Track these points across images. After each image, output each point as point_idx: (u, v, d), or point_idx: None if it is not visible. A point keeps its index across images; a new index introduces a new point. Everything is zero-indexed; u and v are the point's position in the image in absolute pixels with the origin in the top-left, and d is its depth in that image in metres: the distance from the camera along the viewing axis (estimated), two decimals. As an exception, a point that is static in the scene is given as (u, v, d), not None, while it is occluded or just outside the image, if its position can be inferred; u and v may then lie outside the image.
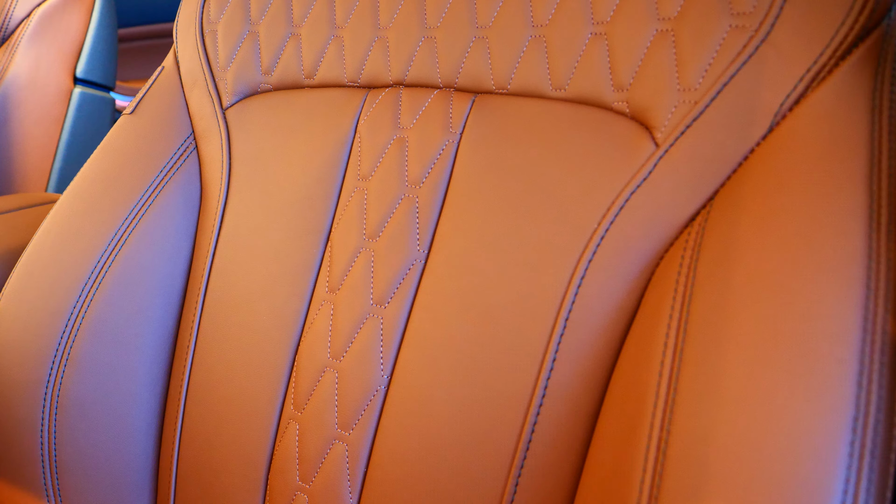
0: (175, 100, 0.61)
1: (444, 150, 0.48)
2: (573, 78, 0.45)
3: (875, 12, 0.37)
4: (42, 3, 0.98)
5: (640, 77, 0.42)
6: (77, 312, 0.54)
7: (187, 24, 0.63)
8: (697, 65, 0.40)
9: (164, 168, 0.58)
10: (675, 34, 0.41)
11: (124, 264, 0.56)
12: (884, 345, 0.31)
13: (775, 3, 0.38)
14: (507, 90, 0.48)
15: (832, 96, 0.36)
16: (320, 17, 0.56)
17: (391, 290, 0.48)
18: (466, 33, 0.50)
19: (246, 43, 0.59)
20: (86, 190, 0.59)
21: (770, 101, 0.38)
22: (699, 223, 0.38)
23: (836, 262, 0.32)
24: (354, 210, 0.51)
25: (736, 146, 0.38)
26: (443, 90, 0.50)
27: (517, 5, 0.48)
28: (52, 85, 0.99)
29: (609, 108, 0.43)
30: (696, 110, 0.39)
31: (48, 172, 0.99)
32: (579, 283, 0.41)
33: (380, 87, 0.53)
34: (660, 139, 0.41)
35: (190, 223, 0.58)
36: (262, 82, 0.59)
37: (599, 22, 0.44)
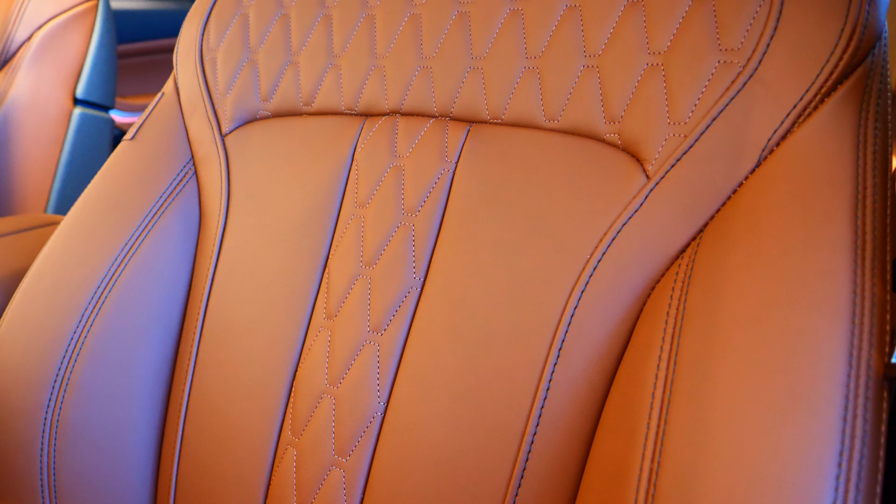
0: (175, 126, 0.62)
1: (439, 179, 0.49)
2: (566, 109, 0.46)
3: (859, 50, 0.38)
4: (43, 25, 0.99)
5: (631, 109, 0.43)
6: (77, 337, 0.55)
7: (187, 51, 0.64)
8: (687, 99, 0.41)
9: (164, 193, 0.59)
10: (664, 68, 0.42)
11: (124, 289, 0.56)
12: (868, 379, 0.31)
13: (763, 40, 0.39)
14: (501, 120, 0.48)
15: (818, 132, 0.37)
16: (318, 45, 0.57)
17: (388, 317, 0.48)
18: (462, 63, 0.50)
19: (245, 70, 0.60)
20: (87, 215, 0.60)
21: (758, 135, 0.39)
22: (689, 255, 0.39)
23: (822, 297, 0.33)
24: (352, 237, 0.51)
25: (725, 179, 0.39)
26: (439, 119, 0.51)
27: (511, 36, 0.49)
28: (53, 106, 1.00)
29: (601, 140, 0.44)
30: (685, 144, 0.40)
31: (47, 193, 1.00)
32: (573, 312, 0.42)
33: (377, 115, 0.54)
34: (651, 171, 0.41)
35: (189, 248, 0.59)
36: (260, 109, 0.59)
37: (591, 55, 0.45)
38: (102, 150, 1.08)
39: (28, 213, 0.99)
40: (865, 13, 0.38)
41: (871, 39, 0.38)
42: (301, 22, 0.59)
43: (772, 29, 0.39)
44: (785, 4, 0.39)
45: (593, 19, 0.46)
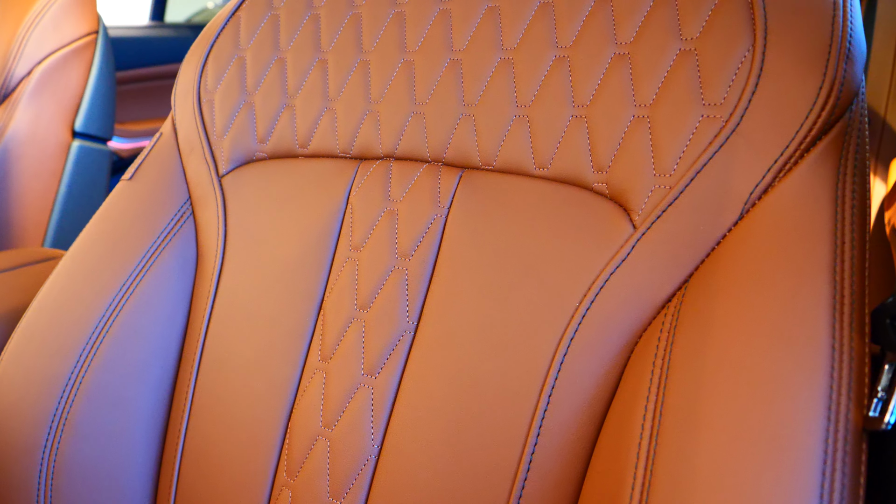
0: (172, 166, 0.63)
1: (432, 224, 0.50)
2: (555, 157, 0.47)
3: (836, 107, 0.39)
4: (43, 60, 1.01)
5: (619, 160, 0.44)
6: (75, 377, 0.56)
7: (185, 93, 0.65)
8: (672, 151, 0.42)
9: (161, 233, 0.60)
10: (650, 121, 0.44)
11: (122, 329, 0.57)
12: (847, 433, 0.32)
13: (744, 96, 0.41)
14: (492, 167, 0.50)
15: (798, 187, 0.38)
16: (314, 89, 0.59)
17: (381, 361, 0.49)
18: (454, 110, 0.52)
19: (242, 112, 0.61)
20: (85, 254, 0.61)
21: (740, 189, 0.40)
22: (675, 304, 0.40)
23: (802, 352, 0.34)
24: (346, 280, 0.52)
25: (709, 231, 0.40)
26: (431, 164, 0.52)
27: (502, 85, 0.50)
28: (52, 139, 1.01)
29: (590, 189, 0.45)
30: (671, 195, 0.41)
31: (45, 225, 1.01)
32: (562, 359, 0.42)
33: (371, 158, 0.55)
34: (637, 221, 0.43)
35: (186, 288, 0.60)
36: (257, 151, 0.61)
37: (580, 105, 0.47)
38: (101, 183, 1.09)
39: (26, 246, 1.00)
40: (843, 71, 0.39)
41: (848, 96, 0.40)
42: (297, 66, 0.60)
43: (753, 85, 0.41)
44: (765, 61, 0.41)
45: (581, 71, 0.47)
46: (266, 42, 0.62)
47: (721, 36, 0.43)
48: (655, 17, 0.45)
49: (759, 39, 0.41)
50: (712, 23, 0.43)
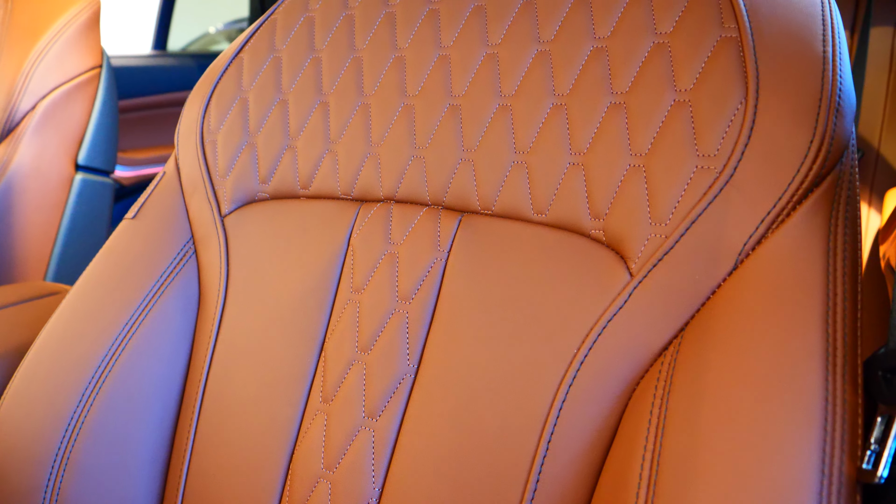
0: (175, 205, 0.64)
1: (432, 268, 0.51)
2: (553, 204, 0.48)
3: (828, 160, 0.40)
4: (47, 95, 1.02)
5: (615, 207, 0.45)
6: (77, 417, 0.56)
7: (188, 132, 0.66)
8: (667, 200, 0.43)
9: (164, 273, 0.61)
10: (646, 170, 0.44)
11: (124, 368, 0.58)
12: (841, 486, 0.33)
13: (737, 148, 0.42)
14: (491, 211, 0.51)
15: (790, 239, 0.39)
16: (316, 130, 0.60)
17: (382, 404, 0.50)
18: (453, 155, 0.53)
19: (244, 153, 0.62)
20: (88, 294, 0.61)
21: (734, 240, 0.41)
22: (671, 353, 0.41)
23: (796, 404, 0.35)
24: (348, 322, 0.53)
25: (704, 281, 0.41)
26: (431, 208, 0.53)
27: (500, 131, 0.51)
28: (55, 173, 1.02)
29: (587, 235, 0.46)
30: (667, 244, 0.42)
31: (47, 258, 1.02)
32: (561, 405, 0.43)
33: (372, 201, 0.56)
34: (634, 269, 0.43)
35: (188, 327, 0.60)
36: (259, 191, 0.61)
37: (577, 152, 0.48)
38: (103, 215, 1.10)
39: (28, 279, 1.01)
40: (833, 125, 0.40)
41: (839, 149, 0.41)
42: (299, 107, 0.61)
43: (746, 137, 0.42)
44: (758, 114, 0.42)
45: (578, 119, 0.48)
46: (268, 84, 0.63)
47: (714, 88, 0.44)
48: (650, 68, 0.46)
49: (751, 92, 0.42)
50: (706, 74, 0.44)
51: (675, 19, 0.47)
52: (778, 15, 0.44)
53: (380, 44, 0.59)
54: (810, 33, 0.43)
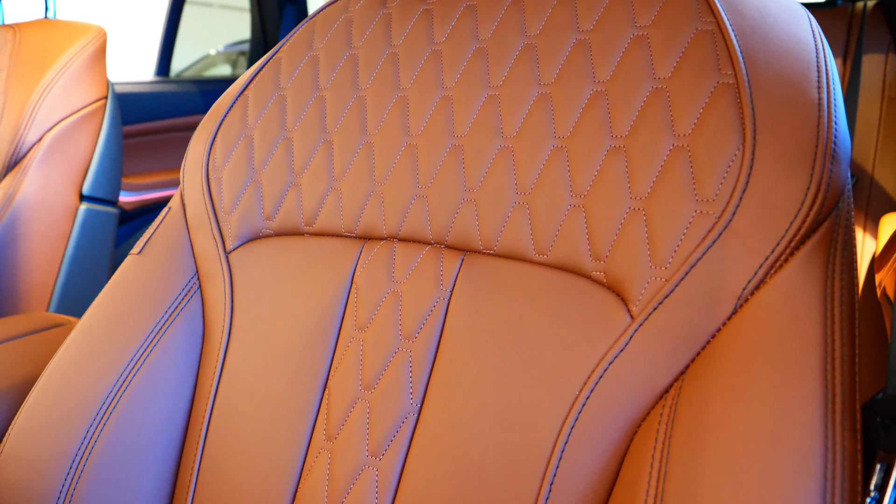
0: (180, 241, 0.65)
1: (435, 307, 0.52)
2: (555, 245, 0.49)
3: (824, 206, 0.41)
4: (53, 127, 1.03)
5: (616, 250, 0.46)
6: (82, 454, 0.56)
7: (194, 168, 0.67)
8: (667, 244, 0.44)
9: (168, 308, 0.61)
10: (646, 213, 0.45)
11: (128, 405, 0.58)
12: None
13: (735, 193, 0.43)
14: (493, 251, 0.51)
15: (788, 285, 0.40)
16: (320, 168, 0.61)
17: (386, 442, 0.50)
18: (456, 195, 0.54)
19: (249, 190, 0.63)
20: (93, 330, 0.62)
21: (733, 285, 0.41)
22: (672, 396, 0.41)
23: (796, 452, 0.35)
24: (351, 360, 0.54)
25: (704, 325, 0.42)
26: (434, 247, 0.54)
27: (502, 172, 0.52)
28: (60, 204, 1.03)
29: (588, 277, 0.47)
30: (667, 288, 0.43)
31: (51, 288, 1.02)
32: (563, 448, 0.43)
33: (375, 239, 0.57)
34: (635, 312, 0.44)
35: (192, 363, 0.61)
36: (263, 228, 0.62)
37: (578, 194, 0.48)
38: (106, 245, 1.11)
39: (32, 309, 1.01)
40: (829, 172, 0.41)
41: (835, 195, 0.42)
42: (303, 145, 0.62)
43: (743, 183, 0.43)
44: (755, 160, 0.43)
45: (579, 161, 0.49)
46: (273, 121, 0.64)
47: (712, 133, 0.45)
48: (649, 112, 0.47)
49: (748, 138, 0.43)
50: (703, 120, 0.45)
51: (672, 64, 0.48)
52: (773, 62, 0.45)
53: (383, 83, 0.60)
54: (805, 80, 0.44)
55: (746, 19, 0.48)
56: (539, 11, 0.55)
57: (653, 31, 0.50)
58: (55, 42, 1.04)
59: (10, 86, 1.01)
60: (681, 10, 0.49)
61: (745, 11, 0.48)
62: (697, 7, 0.49)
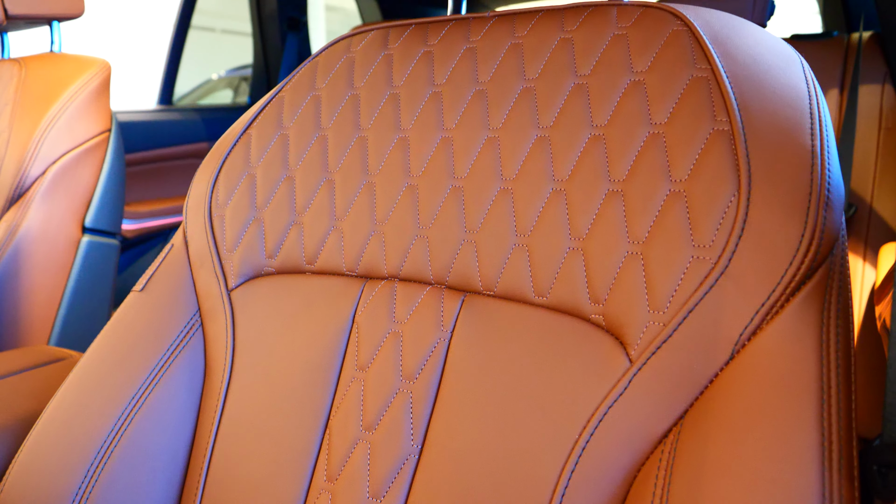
0: (183, 278, 0.65)
1: (436, 348, 0.52)
2: (554, 287, 0.49)
3: (819, 253, 0.42)
4: (57, 160, 1.04)
5: (614, 293, 0.46)
6: (83, 492, 0.56)
7: (197, 206, 0.68)
8: (665, 289, 0.44)
9: (170, 346, 0.62)
10: (643, 257, 0.46)
11: (129, 443, 0.58)
12: None
13: (731, 239, 0.43)
14: (493, 292, 0.52)
15: (784, 332, 0.40)
16: (321, 207, 0.61)
17: (387, 484, 0.50)
18: (456, 236, 0.54)
19: (252, 228, 0.64)
20: (95, 367, 0.62)
21: (730, 330, 0.42)
22: (671, 441, 0.42)
23: (793, 499, 0.35)
24: (352, 400, 0.54)
25: (702, 370, 0.42)
26: (435, 287, 0.54)
27: (502, 213, 0.53)
28: (62, 236, 1.03)
29: (587, 320, 0.47)
30: (665, 332, 0.43)
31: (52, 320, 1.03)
32: (563, 492, 0.44)
33: (376, 278, 0.57)
34: (633, 356, 0.44)
35: (193, 401, 0.61)
36: (265, 266, 0.63)
37: (577, 237, 0.49)
38: (108, 276, 1.11)
39: (32, 342, 1.01)
40: (823, 218, 0.42)
41: (829, 241, 0.42)
42: (305, 184, 0.63)
43: (739, 229, 0.43)
44: (750, 207, 0.43)
45: (577, 204, 0.50)
46: (276, 160, 0.65)
47: (708, 179, 0.45)
48: (646, 157, 0.48)
49: (743, 185, 0.44)
50: (699, 166, 0.46)
51: (669, 110, 0.49)
52: (767, 108, 0.46)
53: (384, 124, 0.61)
54: (799, 127, 0.45)
55: (740, 66, 0.49)
56: (537, 55, 0.56)
57: (649, 76, 0.50)
58: (60, 76, 1.06)
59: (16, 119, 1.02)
60: (676, 57, 0.50)
61: (738, 58, 0.49)
62: (692, 53, 0.50)
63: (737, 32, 0.52)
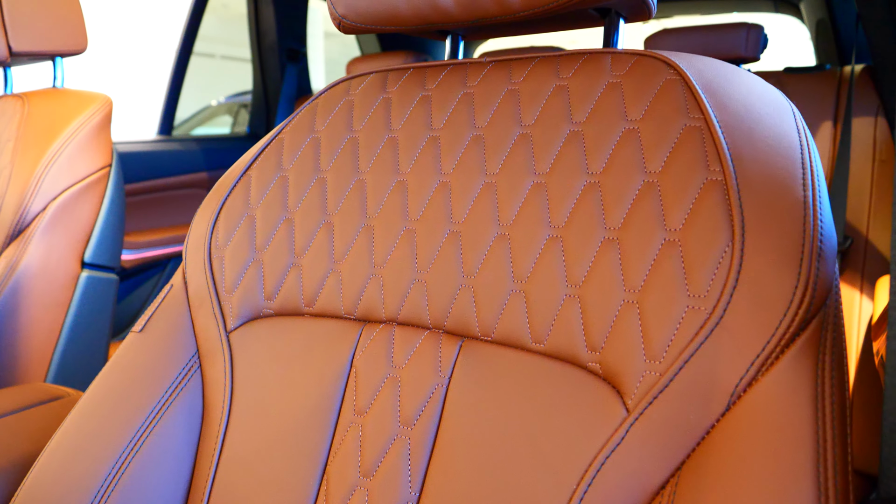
0: (182, 319, 0.66)
1: (433, 394, 0.52)
2: (551, 334, 0.49)
3: (813, 304, 0.42)
4: (57, 196, 1.05)
5: (611, 341, 0.47)
6: None
7: (197, 247, 0.68)
8: (661, 338, 0.45)
9: (169, 388, 0.62)
10: (639, 306, 0.46)
11: (126, 487, 0.58)
12: None
13: (726, 290, 0.44)
14: (491, 338, 0.52)
15: (779, 384, 0.41)
16: (320, 249, 0.62)
17: None
18: (454, 280, 0.55)
19: (251, 269, 0.64)
20: (94, 409, 0.62)
21: (726, 382, 0.42)
22: (669, 492, 0.42)
23: None
24: (350, 445, 0.54)
25: (699, 421, 0.42)
26: (432, 332, 0.55)
27: (499, 259, 0.53)
28: (61, 271, 1.04)
29: (584, 367, 0.48)
30: (661, 382, 0.44)
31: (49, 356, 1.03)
32: None
33: (374, 321, 0.58)
34: (630, 406, 0.45)
35: (192, 443, 0.61)
36: (264, 307, 0.63)
37: (573, 284, 0.49)
38: (106, 312, 1.11)
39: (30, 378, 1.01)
40: (816, 269, 0.43)
41: (823, 293, 0.43)
42: (304, 226, 0.63)
43: (734, 280, 0.44)
44: (744, 257, 0.44)
45: (574, 251, 0.50)
46: (275, 202, 0.66)
47: (702, 230, 0.46)
48: (642, 206, 0.49)
49: (737, 235, 0.44)
50: (694, 216, 0.46)
51: (663, 159, 0.49)
52: (760, 159, 0.47)
53: (383, 167, 0.62)
54: (791, 177, 0.46)
55: (732, 116, 0.49)
56: (534, 101, 0.57)
57: (643, 125, 0.51)
58: (62, 112, 1.07)
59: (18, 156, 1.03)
60: (670, 105, 0.51)
61: (730, 107, 0.50)
62: (685, 102, 0.51)
63: (729, 81, 0.53)
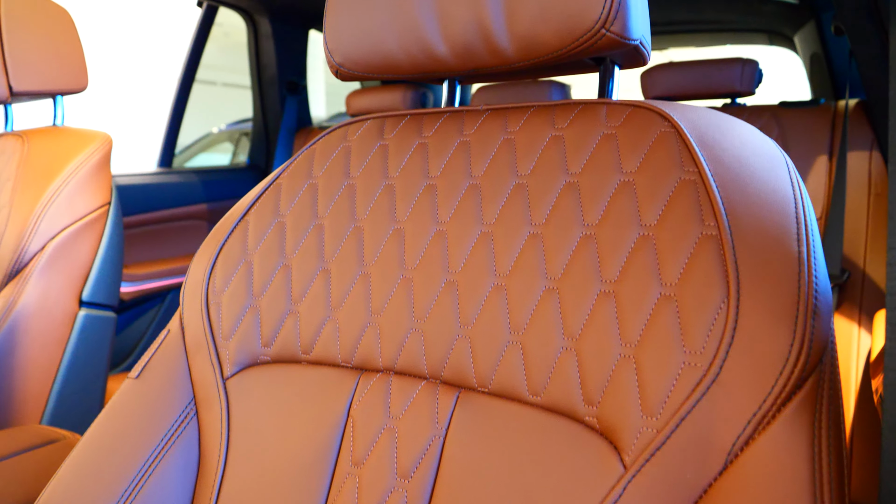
0: (178, 365, 0.65)
1: (431, 445, 0.52)
2: (548, 387, 0.49)
3: (808, 362, 0.42)
4: (56, 236, 1.05)
5: (608, 396, 0.47)
6: None
7: (194, 292, 0.68)
8: (657, 394, 0.45)
9: (165, 435, 0.61)
10: (636, 361, 0.46)
11: None
12: None
13: (722, 346, 0.44)
14: (488, 389, 0.52)
15: (776, 443, 0.41)
16: (318, 297, 0.62)
17: None
18: (451, 330, 0.55)
19: (248, 316, 0.64)
20: (89, 457, 0.62)
21: (723, 440, 0.42)
22: None
23: None
24: (347, 497, 0.53)
25: (696, 479, 0.42)
26: (430, 382, 0.55)
27: (496, 310, 0.53)
28: (59, 310, 1.04)
29: (581, 421, 0.48)
30: (659, 439, 0.44)
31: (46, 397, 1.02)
32: None
33: (371, 370, 0.58)
34: (627, 462, 0.44)
35: (187, 492, 0.60)
36: (261, 354, 0.63)
37: (570, 336, 0.49)
38: (103, 350, 1.11)
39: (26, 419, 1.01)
40: (811, 328, 0.43)
41: (819, 350, 0.43)
42: (301, 273, 0.63)
43: (729, 337, 0.44)
44: (740, 314, 0.44)
45: (570, 304, 0.50)
46: (273, 248, 0.66)
47: (697, 285, 0.46)
48: (637, 259, 0.49)
49: (732, 292, 0.45)
50: (689, 271, 0.47)
51: (658, 212, 0.50)
52: (754, 214, 0.47)
53: (380, 215, 0.62)
54: (785, 232, 0.46)
55: (726, 169, 0.50)
56: (530, 151, 0.58)
57: (638, 177, 0.52)
58: (62, 151, 1.08)
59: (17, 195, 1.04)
60: (664, 158, 0.51)
61: (724, 160, 0.50)
62: (680, 156, 0.51)
63: (722, 133, 0.53)
